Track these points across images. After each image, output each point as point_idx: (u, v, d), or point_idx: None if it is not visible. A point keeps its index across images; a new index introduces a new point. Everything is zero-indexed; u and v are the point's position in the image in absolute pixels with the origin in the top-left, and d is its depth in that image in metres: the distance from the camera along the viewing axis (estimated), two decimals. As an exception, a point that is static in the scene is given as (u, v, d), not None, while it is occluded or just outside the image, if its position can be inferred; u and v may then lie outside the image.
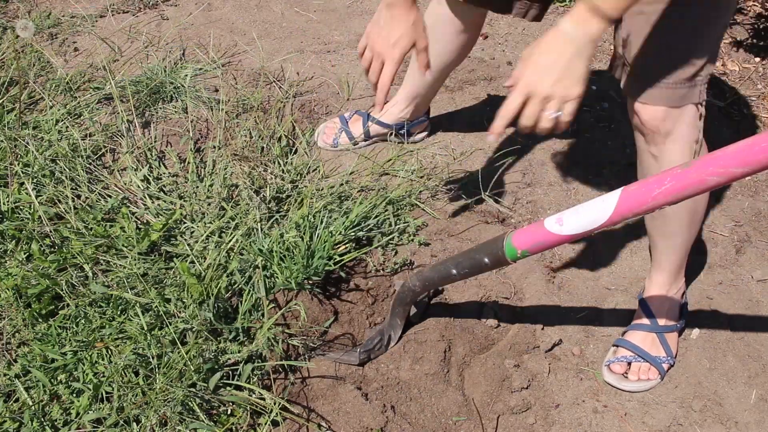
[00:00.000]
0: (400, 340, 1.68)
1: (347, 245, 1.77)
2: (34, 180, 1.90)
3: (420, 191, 2.02)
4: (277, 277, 1.67)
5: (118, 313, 1.61)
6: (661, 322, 1.70)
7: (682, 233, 1.63)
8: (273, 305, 1.65)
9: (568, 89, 1.18)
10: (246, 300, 1.63)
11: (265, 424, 1.45)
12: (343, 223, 1.79)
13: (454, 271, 1.45)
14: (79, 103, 2.22)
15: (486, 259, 1.38)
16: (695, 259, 1.94)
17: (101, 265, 1.72)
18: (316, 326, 1.65)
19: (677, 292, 1.73)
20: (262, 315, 1.61)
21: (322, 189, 1.97)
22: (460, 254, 1.45)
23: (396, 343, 1.67)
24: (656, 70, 1.40)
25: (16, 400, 1.46)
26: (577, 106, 1.20)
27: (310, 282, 1.67)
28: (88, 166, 1.99)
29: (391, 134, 2.20)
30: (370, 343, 1.63)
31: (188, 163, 2.06)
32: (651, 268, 1.73)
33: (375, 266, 1.80)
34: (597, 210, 1.18)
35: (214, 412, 1.48)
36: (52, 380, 1.48)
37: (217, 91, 2.35)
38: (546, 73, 1.18)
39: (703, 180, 1.06)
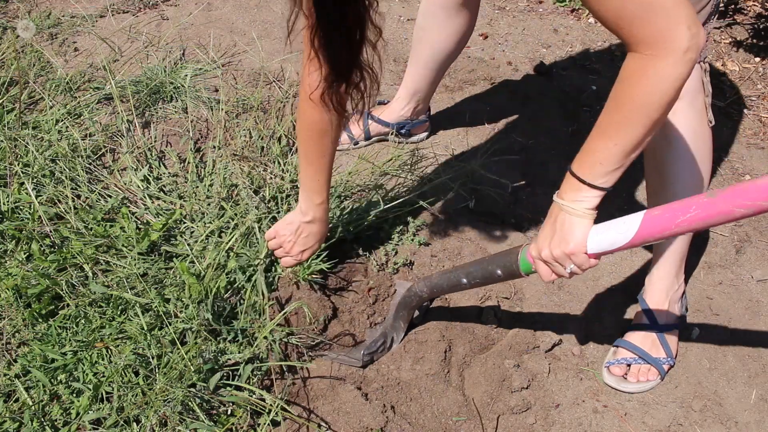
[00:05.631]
0: (401, 340, 1.68)
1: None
2: (34, 180, 1.90)
3: (420, 190, 2.02)
4: (277, 269, 1.67)
5: (118, 313, 1.61)
6: (661, 321, 1.69)
7: None
8: (273, 301, 1.65)
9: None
10: (247, 298, 1.63)
11: (265, 424, 1.45)
12: (341, 216, 1.79)
13: (465, 281, 1.45)
14: (79, 103, 2.22)
15: (499, 271, 1.38)
16: (695, 259, 1.95)
17: (101, 265, 1.71)
18: (317, 326, 1.65)
19: (677, 291, 1.73)
20: (259, 315, 1.61)
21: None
22: (472, 263, 1.45)
23: (398, 344, 1.67)
24: None
25: (16, 400, 1.46)
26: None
27: (312, 275, 1.68)
28: (88, 166, 1.99)
29: (392, 133, 2.20)
30: (374, 345, 1.63)
31: (188, 163, 2.06)
32: (652, 263, 1.73)
33: (376, 266, 1.80)
34: (618, 232, 1.18)
35: (214, 412, 1.47)
36: (52, 380, 1.48)
37: (217, 91, 2.35)
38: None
39: (731, 211, 1.04)
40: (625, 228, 1.17)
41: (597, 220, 1.23)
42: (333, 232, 1.79)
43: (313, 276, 1.68)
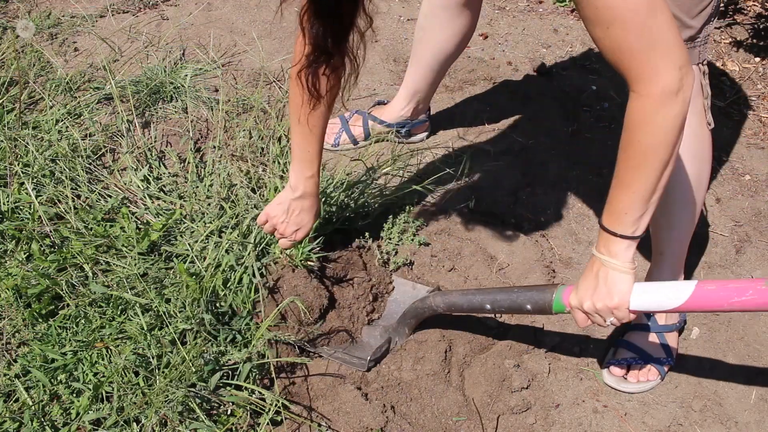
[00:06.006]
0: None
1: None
2: (34, 180, 1.90)
3: (419, 183, 2.02)
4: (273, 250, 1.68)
5: (118, 313, 1.61)
6: (661, 321, 1.69)
7: (683, 220, 1.64)
8: (269, 289, 1.65)
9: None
10: (242, 294, 1.63)
11: (265, 423, 1.45)
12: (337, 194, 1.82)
13: (488, 307, 1.45)
14: (79, 103, 2.22)
15: (528, 306, 1.38)
16: (695, 259, 1.94)
17: (101, 265, 1.72)
18: (312, 316, 1.64)
19: (677, 291, 1.73)
20: (251, 320, 1.61)
21: (321, 189, 1.97)
22: (498, 291, 1.44)
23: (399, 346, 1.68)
24: None
25: (16, 400, 1.46)
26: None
27: (309, 262, 1.68)
28: (88, 166, 1.99)
29: (392, 133, 2.20)
30: (379, 351, 1.63)
31: (188, 163, 2.06)
32: (652, 263, 1.73)
33: (379, 262, 1.80)
34: (666, 296, 1.19)
35: (214, 412, 1.48)
36: (52, 380, 1.48)
37: (217, 91, 2.35)
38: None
39: None
40: (675, 295, 1.18)
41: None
42: (328, 221, 1.79)
43: (310, 263, 1.68)
